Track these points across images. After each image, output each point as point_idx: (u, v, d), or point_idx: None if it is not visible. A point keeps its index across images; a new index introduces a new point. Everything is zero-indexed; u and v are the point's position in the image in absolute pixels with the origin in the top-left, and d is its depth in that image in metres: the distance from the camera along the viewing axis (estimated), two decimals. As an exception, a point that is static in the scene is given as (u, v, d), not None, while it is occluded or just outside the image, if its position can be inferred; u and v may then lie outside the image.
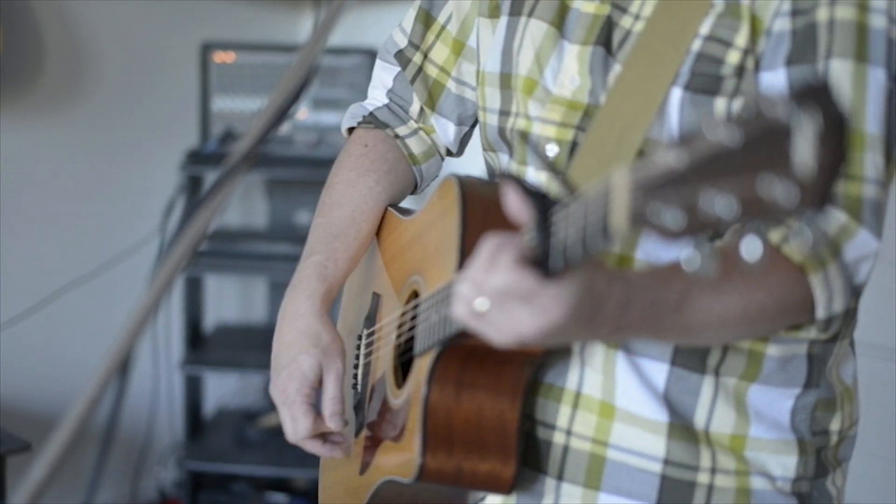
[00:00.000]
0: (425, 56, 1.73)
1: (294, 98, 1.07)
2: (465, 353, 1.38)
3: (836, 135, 0.85)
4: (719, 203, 0.89)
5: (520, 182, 1.16)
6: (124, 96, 3.78)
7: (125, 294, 3.43)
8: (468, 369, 1.39)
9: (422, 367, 1.43)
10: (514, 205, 1.15)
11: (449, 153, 1.79)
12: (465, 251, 1.37)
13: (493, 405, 1.40)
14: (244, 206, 4.06)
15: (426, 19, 1.72)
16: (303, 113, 3.71)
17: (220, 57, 3.73)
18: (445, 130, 1.75)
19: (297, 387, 1.57)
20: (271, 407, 3.95)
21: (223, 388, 4.07)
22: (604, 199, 1.01)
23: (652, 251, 1.40)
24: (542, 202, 1.13)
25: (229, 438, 3.82)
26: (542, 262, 1.11)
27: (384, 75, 1.77)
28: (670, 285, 1.25)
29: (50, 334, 3.65)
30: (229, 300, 4.13)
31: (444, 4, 1.71)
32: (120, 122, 3.78)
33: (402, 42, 1.75)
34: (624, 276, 1.22)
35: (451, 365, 1.39)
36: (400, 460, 1.47)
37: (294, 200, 3.97)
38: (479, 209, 1.41)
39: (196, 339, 3.83)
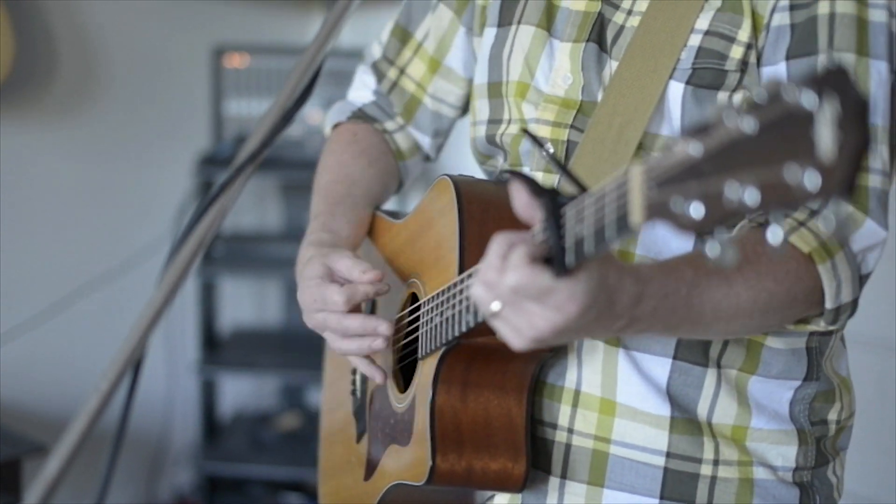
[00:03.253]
0: (402, 71, 1.74)
1: (300, 100, 1.08)
2: (469, 353, 1.39)
3: (858, 119, 0.85)
4: (740, 193, 0.89)
5: (526, 179, 1.15)
6: (136, 100, 3.79)
7: (139, 297, 3.44)
8: (473, 369, 1.40)
9: (426, 369, 1.43)
10: (523, 202, 1.15)
11: (426, 159, 1.81)
12: (465, 251, 1.38)
13: (499, 403, 1.40)
14: (258, 209, 4.07)
15: (403, 35, 1.74)
16: (316, 116, 3.72)
17: (232, 60, 3.75)
18: (422, 141, 1.77)
19: (314, 283, 1.50)
20: (286, 408, 3.98)
21: (238, 391, 4.08)
22: (619, 192, 1.01)
23: (651, 246, 1.41)
24: (551, 199, 1.12)
25: (245, 441, 3.83)
26: (553, 260, 1.11)
27: (367, 79, 1.80)
28: (680, 277, 1.25)
29: (65, 338, 3.66)
30: (244, 303, 4.15)
31: (422, 19, 1.72)
32: (132, 126, 3.79)
33: (378, 54, 1.78)
34: (635, 270, 1.22)
35: (456, 366, 1.39)
36: (409, 464, 1.47)
37: (308, 203, 3.95)
38: (477, 209, 1.41)
39: (211, 342, 3.84)
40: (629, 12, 1.45)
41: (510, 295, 1.13)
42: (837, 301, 1.33)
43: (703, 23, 1.39)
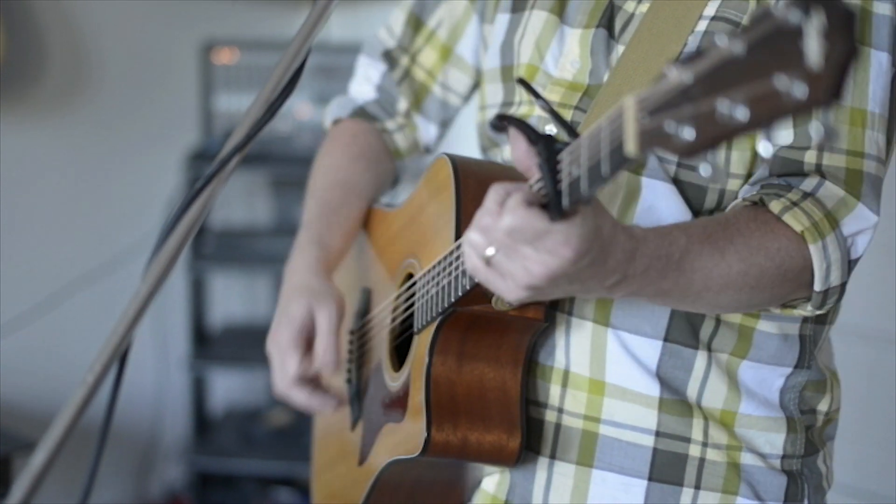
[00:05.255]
0: (413, 59, 1.75)
1: (284, 92, 1.08)
2: (465, 323, 1.39)
3: (844, 30, 0.87)
4: (731, 109, 0.91)
5: (523, 125, 1.17)
6: (125, 96, 3.79)
7: (129, 294, 3.44)
8: (469, 340, 1.40)
9: (422, 341, 1.43)
10: (522, 150, 1.17)
11: (426, 150, 1.82)
12: (461, 224, 1.38)
13: (494, 376, 1.41)
14: (248, 204, 4.07)
15: (416, 23, 1.75)
16: (305, 112, 3.72)
17: (221, 55, 3.75)
18: (427, 131, 1.78)
19: (288, 331, 1.57)
20: (277, 404, 3.97)
21: (229, 386, 4.08)
22: (612, 127, 1.03)
23: (646, 217, 1.41)
24: (547, 145, 1.14)
25: (236, 436, 3.83)
26: (549, 204, 1.13)
27: (370, 71, 1.80)
28: (674, 241, 1.26)
29: (56, 335, 3.66)
30: (234, 298, 4.14)
31: (434, 8, 1.73)
32: (121, 121, 3.79)
33: (389, 42, 1.78)
34: (629, 228, 1.24)
35: (452, 336, 1.40)
36: (404, 438, 1.47)
37: (298, 198, 3.93)
38: (473, 182, 1.42)
39: (202, 338, 3.84)
40: (639, 0, 1.47)
41: (505, 237, 1.15)
42: (826, 283, 1.34)
43: (710, 9, 1.41)
